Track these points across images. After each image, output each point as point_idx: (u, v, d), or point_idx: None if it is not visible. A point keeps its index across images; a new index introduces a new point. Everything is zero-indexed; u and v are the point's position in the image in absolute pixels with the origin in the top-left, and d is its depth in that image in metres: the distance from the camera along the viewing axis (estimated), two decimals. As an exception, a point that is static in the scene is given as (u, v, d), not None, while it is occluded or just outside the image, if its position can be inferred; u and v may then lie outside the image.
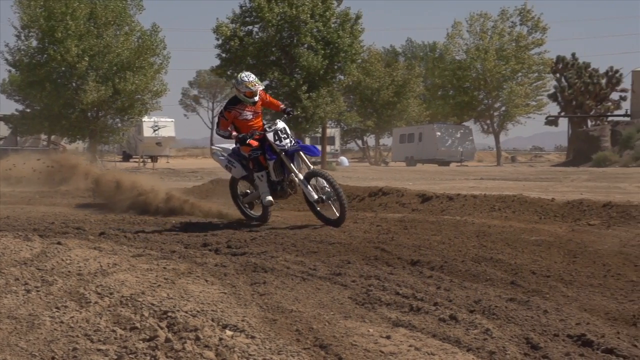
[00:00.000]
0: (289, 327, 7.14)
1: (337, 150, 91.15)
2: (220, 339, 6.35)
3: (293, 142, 15.24)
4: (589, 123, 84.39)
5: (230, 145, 15.93)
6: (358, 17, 57.10)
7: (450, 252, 11.90)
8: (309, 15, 55.37)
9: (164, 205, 18.26)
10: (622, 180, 35.25)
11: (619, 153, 68.33)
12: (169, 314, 6.94)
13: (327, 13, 56.13)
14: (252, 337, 6.54)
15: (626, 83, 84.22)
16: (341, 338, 6.84)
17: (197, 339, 6.30)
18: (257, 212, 16.08)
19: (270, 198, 15.34)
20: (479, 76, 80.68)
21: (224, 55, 56.51)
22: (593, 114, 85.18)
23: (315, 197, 14.95)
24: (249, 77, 15.46)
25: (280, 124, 15.36)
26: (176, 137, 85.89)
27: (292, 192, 15.59)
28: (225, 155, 15.92)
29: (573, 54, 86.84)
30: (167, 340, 6.28)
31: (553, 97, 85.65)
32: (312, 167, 15.25)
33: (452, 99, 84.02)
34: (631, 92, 79.72)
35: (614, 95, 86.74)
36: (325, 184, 14.86)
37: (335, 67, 56.71)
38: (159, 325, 6.63)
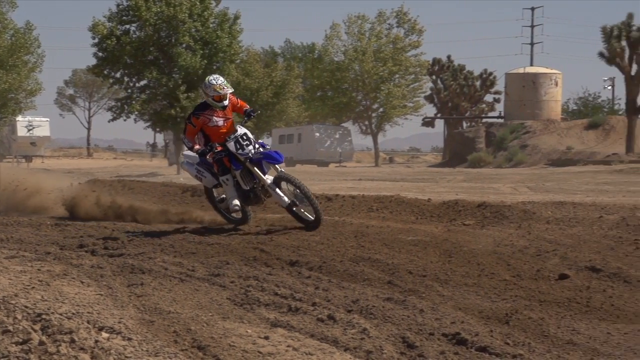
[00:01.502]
0: (166, 329, 7.08)
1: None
2: (96, 341, 6.26)
3: (257, 147, 14.33)
4: (465, 124, 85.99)
5: None
6: (237, 17, 56.96)
7: (329, 252, 11.96)
8: (187, 15, 54.95)
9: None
10: (496, 181, 36.00)
11: (493, 154, 69.79)
12: (43, 316, 6.81)
13: (206, 13, 55.80)
14: (129, 339, 6.46)
15: (500, 85, 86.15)
16: (219, 339, 6.81)
17: (72, 341, 6.19)
18: (237, 215, 15.15)
19: (236, 202, 14.39)
20: (357, 77, 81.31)
21: (100, 54, 55.67)
22: (468, 115, 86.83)
23: (288, 201, 14.23)
24: (217, 79, 14.49)
25: (241, 130, 14.39)
26: (51, 136, 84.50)
27: (266, 197, 14.77)
28: (194, 164, 14.95)
29: (449, 57, 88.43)
30: (41, 343, 6.16)
31: (429, 98, 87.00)
32: (279, 169, 14.37)
33: (330, 100, 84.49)
34: (504, 94, 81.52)
35: (488, 97, 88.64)
36: (294, 188, 14.27)
37: (214, 67, 56.39)
38: (32, 328, 6.50)
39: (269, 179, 14.39)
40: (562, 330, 8.28)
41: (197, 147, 14.36)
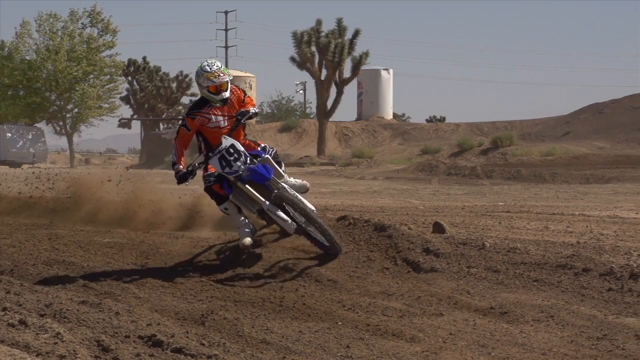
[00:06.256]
0: None
1: None
2: None
3: (249, 160, 11.06)
4: (162, 126, 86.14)
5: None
6: None
7: (21, 255, 11.65)
8: None
9: None
10: (193, 183, 36.18)
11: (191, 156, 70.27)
12: None
13: None
14: None
15: (195, 88, 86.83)
16: None
17: None
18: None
19: (248, 240, 11.35)
20: (50, 77, 79.53)
21: None
22: (165, 117, 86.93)
23: (294, 226, 11.13)
24: (211, 65, 11.11)
25: (227, 142, 11.00)
26: None
27: None
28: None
29: (144, 58, 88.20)
30: None
31: (126, 99, 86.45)
32: (281, 184, 11.21)
33: (22, 100, 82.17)
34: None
35: (185, 99, 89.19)
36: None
37: None
38: None
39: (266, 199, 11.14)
40: (256, 330, 8.45)
41: (180, 166, 11.39)
